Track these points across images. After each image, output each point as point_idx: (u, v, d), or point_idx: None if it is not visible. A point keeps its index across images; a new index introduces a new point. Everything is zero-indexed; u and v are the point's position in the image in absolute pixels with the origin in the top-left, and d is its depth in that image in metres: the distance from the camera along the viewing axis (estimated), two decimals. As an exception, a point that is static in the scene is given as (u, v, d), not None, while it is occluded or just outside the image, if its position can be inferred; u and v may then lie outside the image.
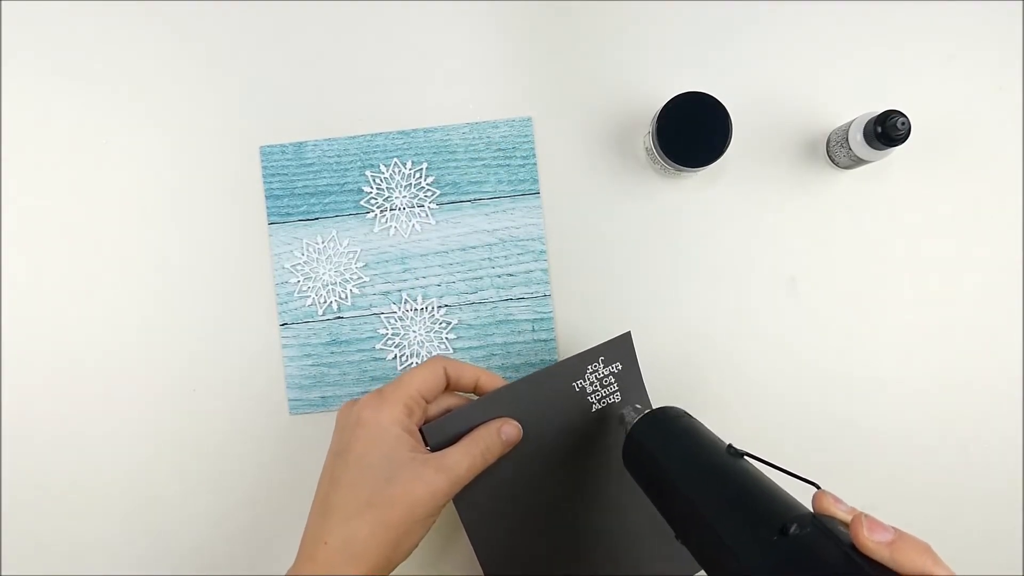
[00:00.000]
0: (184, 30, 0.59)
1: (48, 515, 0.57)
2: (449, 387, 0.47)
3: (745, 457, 0.38)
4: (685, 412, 0.45)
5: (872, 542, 0.28)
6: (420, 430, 0.45)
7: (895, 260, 0.58)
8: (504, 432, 0.45)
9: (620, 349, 0.50)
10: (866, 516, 0.29)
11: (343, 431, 0.44)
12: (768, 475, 0.37)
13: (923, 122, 0.56)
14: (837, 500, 0.32)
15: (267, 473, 0.58)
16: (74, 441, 0.57)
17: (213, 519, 0.58)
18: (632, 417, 0.46)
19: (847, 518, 0.31)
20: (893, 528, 0.29)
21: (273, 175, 0.58)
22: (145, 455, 0.58)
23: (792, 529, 0.31)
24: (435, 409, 0.47)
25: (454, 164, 0.58)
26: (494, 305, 0.58)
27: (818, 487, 0.33)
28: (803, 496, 0.34)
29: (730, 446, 0.39)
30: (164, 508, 0.57)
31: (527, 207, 0.58)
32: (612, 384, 0.50)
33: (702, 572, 0.52)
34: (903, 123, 0.49)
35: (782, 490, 0.35)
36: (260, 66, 0.59)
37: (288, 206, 0.58)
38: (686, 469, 0.39)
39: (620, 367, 0.50)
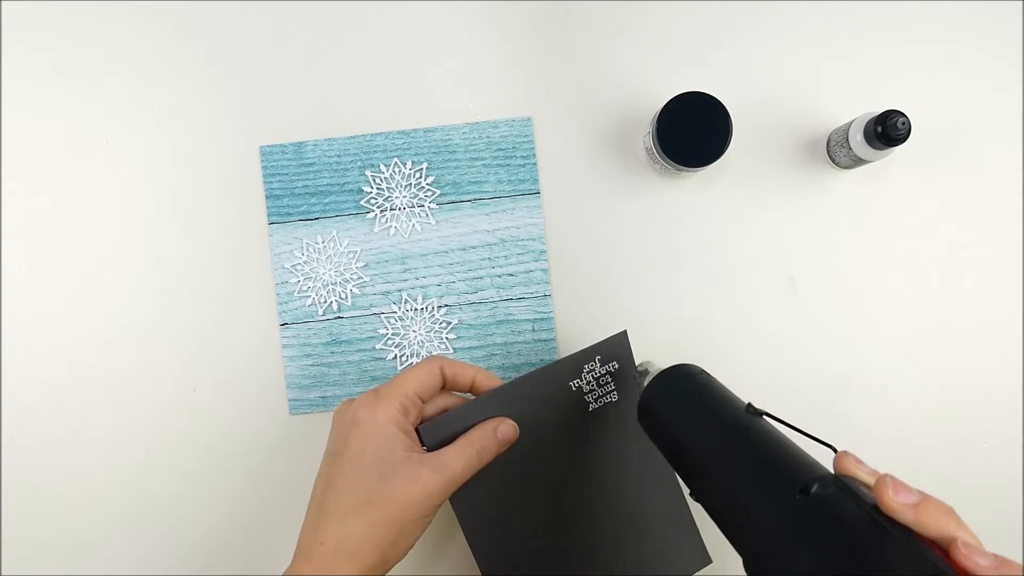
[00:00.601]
0: (184, 30, 0.59)
1: (48, 515, 0.57)
2: (446, 386, 0.47)
3: (764, 417, 0.38)
4: (702, 370, 0.44)
5: (897, 503, 0.28)
6: (416, 430, 0.45)
7: (895, 260, 0.58)
8: (500, 431, 0.45)
9: (617, 348, 0.50)
10: (891, 477, 0.29)
11: (339, 431, 0.44)
12: (787, 436, 0.37)
13: (923, 122, 0.56)
14: (859, 461, 0.31)
15: (267, 473, 0.58)
16: (74, 441, 0.57)
17: (213, 519, 0.58)
18: (648, 373, 0.45)
19: (870, 480, 0.30)
20: (918, 491, 0.28)
21: (273, 175, 0.58)
22: (145, 455, 0.58)
23: (814, 488, 0.30)
24: (431, 409, 0.47)
25: (454, 164, 0.58)
26: (494, 305, 0.58)
27: (835, 450, 0.33)
28: (823, 461, 0.34)
29: (749, 405, 0.38)
30: (164, 508, 0.57)
31: (527, 207, 0.58)
32: (609, 384, 0.50)
33: (703, 572, 0.52)
34: (903, 123, 0.49)
35: (802, 451, 0.34)
36: (260, 66, 0.59)
37: (288, 206, 0.58)
38: (704, 427, 0.39)
39: (616, 366, 0.50)
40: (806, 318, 0.58)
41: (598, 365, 0.50)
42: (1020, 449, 0.57)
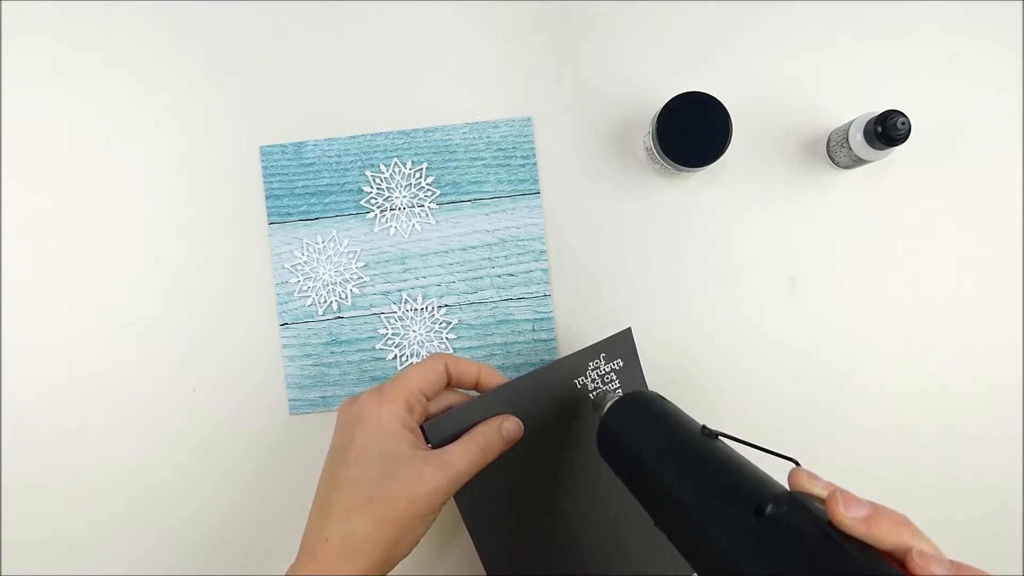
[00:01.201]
0: (184, 30, 0.59)
1: (48, 515, 0.57)
2: (450, 384, 0.47)
3: (720, 438, 0.38)
4: (658, 395, 0.44)
5: (848, 518, 0.27)
6: (421, 427, 0.45)
7: (895, 260, 0.58)
8: (505, 429, 0.45)
9: (621, 345, 0.50)
10: (842, 492, 0.28)
11: (344, 428, 0.44)
12: (745, 455, 0.37)
13: (923, 122, 0.56)
14: (813, 477, 0.31)
15: (267, 473, 0.58)
16: (74, 441, 0.57)
17: (213, 519, 0.58)
18: (605, 402, 0.46)
19: (824, 494, 0.30)
20: (869, 503, 0.28)
21: (273, 175, 0.58)
22: (145, 455, 0.58)
23: (768, 509, 0.30)
24: (436, 406, 0.47)
25: (454, 164, 0.58)
26: (494, 305, 0.58)
27: (797, 463, 0.32)
28: (783, 474, 0.34)
29: (704, 427, 0.38)
30: (164, 508, 0.57)
31: (527, 207, 0.58)
32: (614, 381, 0.50)
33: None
34: (903, 123, 0.49)
35: (759, 469, 0.34)
36: (260, 66, 0.59)
37: (288, 206, 0.58)
38: (659, 452, 0.39)
39: (621, 364, 0.50)
40: (806, 318, 0.58)
41: (603, 363, 0.50)
42: (1020, 448, 0.57)
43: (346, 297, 0.58)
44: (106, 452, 0.57)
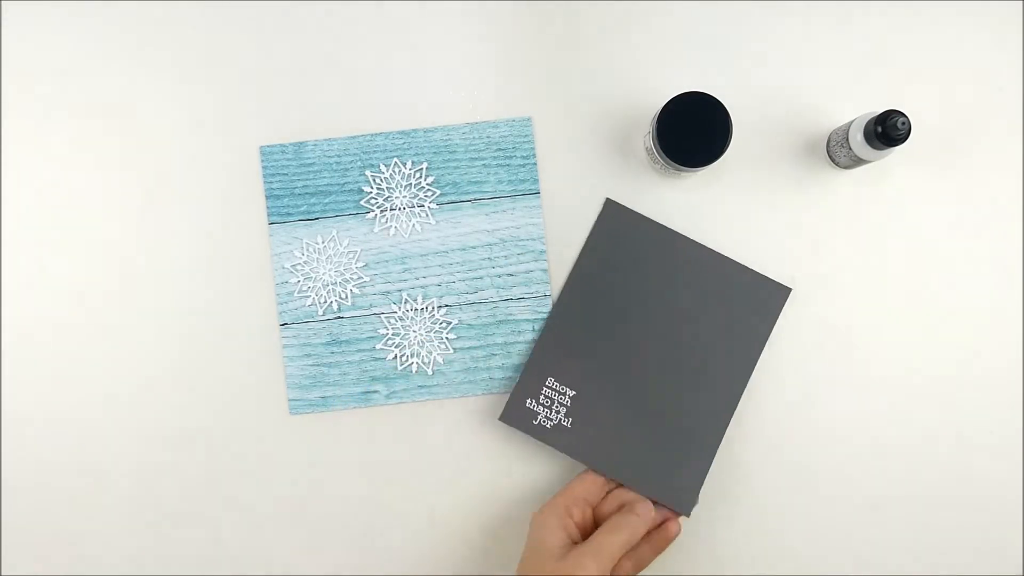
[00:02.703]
0: (184, 30, 0.59)
1: (48, 515, 0.57)
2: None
3: None
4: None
5: None
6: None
7: (895, 260, 0.58)
8: (642, 513, 0.52)
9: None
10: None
11: (530, 529, 0.52)
12: None
13: (923, 122, 0.56)
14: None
15: (267, 473, 0.58)
16: (74, 441, 0.57)
17: (213, 519, 0.58)
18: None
19: None
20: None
21: (273, 175, 0.58)
22: (145, 455, 0.58)
23: None
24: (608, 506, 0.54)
25: (454, 164, 0.58)
26: (494, 305, 0.58)
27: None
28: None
29: None
30: (164, 508, 0.57)
31: (527, 207, 0.58)
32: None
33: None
34: (903, 123, 0.49)
35: None
36: (260, 66, 0.59)
37: (288, 206, 0.58)
38: None
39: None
40: (806, 318, 0.58)
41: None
42: (1020, 449, 0.57)
43: (346, 297, 0.58)
44: (107, 452, 0.57)
